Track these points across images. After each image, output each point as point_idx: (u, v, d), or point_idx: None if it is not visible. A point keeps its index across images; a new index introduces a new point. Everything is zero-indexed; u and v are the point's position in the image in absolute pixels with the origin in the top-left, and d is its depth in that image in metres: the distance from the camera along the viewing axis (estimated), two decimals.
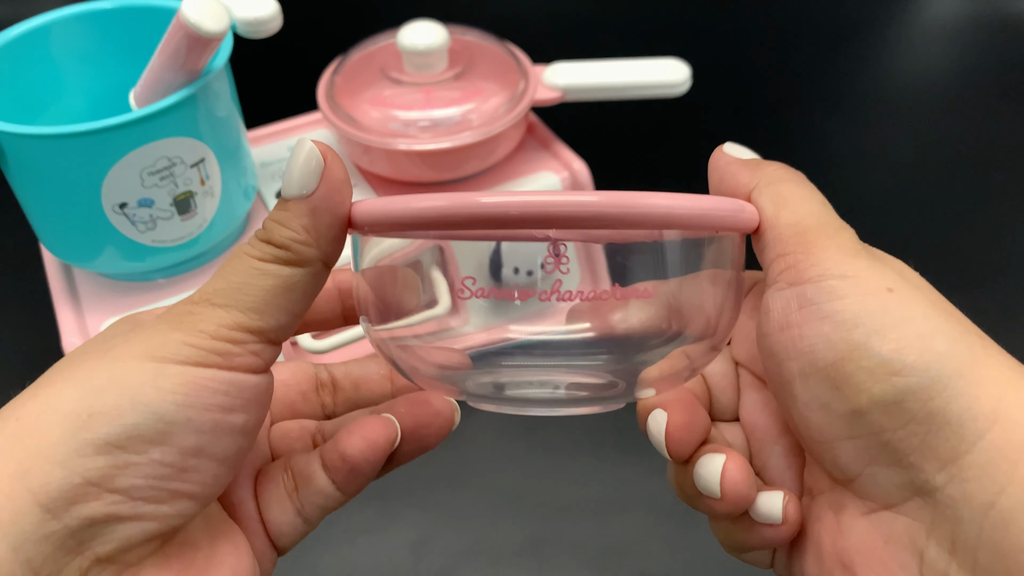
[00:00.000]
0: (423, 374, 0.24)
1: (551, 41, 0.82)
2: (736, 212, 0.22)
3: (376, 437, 0.24)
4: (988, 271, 0.60)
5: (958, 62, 0.83)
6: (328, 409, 0.28)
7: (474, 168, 0.51)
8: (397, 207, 0.20)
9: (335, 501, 0.24)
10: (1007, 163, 0.70)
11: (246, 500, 0.24)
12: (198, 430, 0.20)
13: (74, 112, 0.48)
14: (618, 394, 0.24)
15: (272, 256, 0.21)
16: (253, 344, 0.21)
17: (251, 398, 0.21)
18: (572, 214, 0.19)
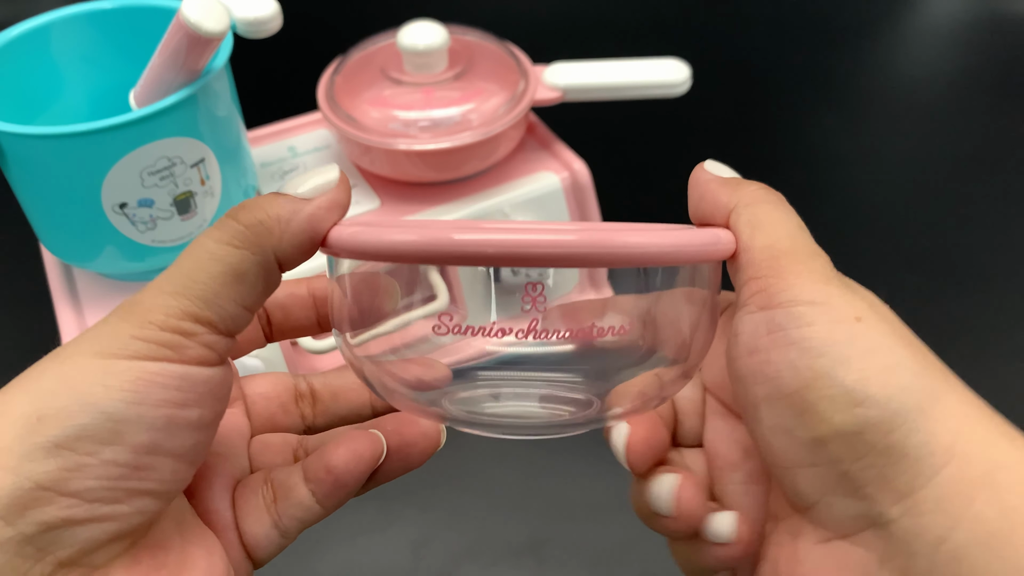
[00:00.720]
0: (398, 393, 0.24)
1: (551, 41, 0.82)
2: (711, 245, 0.22)
3: (363, 450, 0.24)
4: (988, 271, 0.60)
5: (958, 62, 0.83)
6: (308, 420, 0.28)
7: (474, 168, 0.51)
8: (370, 240, 0.20)
9: (314, 515, 0.24)
10: (1007, 163, 0.70)
11: (222, 510, 0.24)
12: (151, 427, 0.19)
13: (74, 112, 0.48)
14: (592, 416, 0.24)
15: (230, 236, 0.20)
16: (205, 335, 0.20)
17: (205, 392, 0.20)
18: (548, 254, 0.19)
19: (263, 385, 0.27)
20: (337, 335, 0.24)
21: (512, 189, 0.52)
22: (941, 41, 0.86)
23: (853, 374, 0.20)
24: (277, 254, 0.21)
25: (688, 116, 0.73)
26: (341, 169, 0.22)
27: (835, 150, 0.71)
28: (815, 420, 0.20)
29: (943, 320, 0.56)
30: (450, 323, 0.22)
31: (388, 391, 0.24)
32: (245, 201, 0.21)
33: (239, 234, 0.20)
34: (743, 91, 0.78)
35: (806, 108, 0.76)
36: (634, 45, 0.82)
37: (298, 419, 0.27)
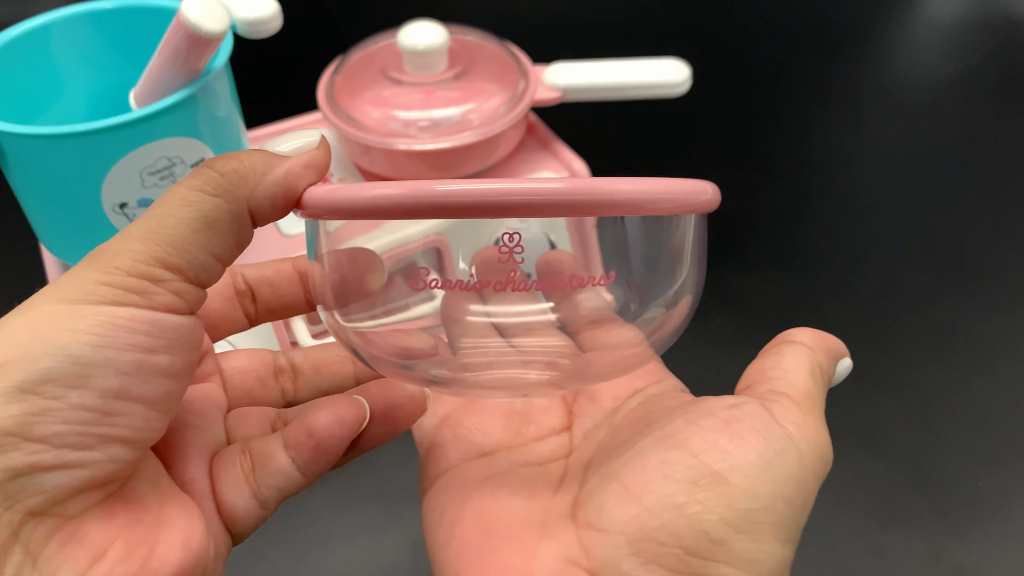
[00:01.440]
0: (384, 361, 0.24)
1: (551, 41, 0.82)
2: (698, 194, 0.22)
3: (345, 414, 0.23)
4: (988, 271, 0.60)
5: (958, 62, 0.83)
6: (289, 395, 0.27)
7: (474, 168, 0.51)
8: (347, 196, 0.20)
9: (294, 483, 0.23)
10: (1007, 163, 0.70)
11: (199, 479, 0.23)
12: (119, 371, 0.19)
13: (74, 112, 0.48)
14: (578, 372, 0.24)
15: (202, 183, 0.20)
16: (173, 282, 0.20)
17: (175, 339, 0.20)
18: (532, 202, 0.19)
19: (240, 360, 0.27)
20: (322, 310, 0.24)
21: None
22: (941, 41, 0.86)
23: None
24: (250, 204, 0.21)
25: (688, 116, 0.73)
26: (323, 135, 0.22)
27: (835, 150, 0.71)
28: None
29: (943, 320, 0.56)
30: (427, 278, 0.22)
31: (374, 359, 0.24)
32: (224, 154, 0.21)
33: (212, 180, 0.20)
34: (743, 91, 0.79)
35: (806, 108, 0.76)
36: (634, 45, 0.82)
37: (277, 393, 0.27)
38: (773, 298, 0.58)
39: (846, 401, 0.51)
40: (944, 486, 0.47)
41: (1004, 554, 0.43)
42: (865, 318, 0.56)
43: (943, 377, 0.52)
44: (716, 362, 0.54)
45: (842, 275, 0.60)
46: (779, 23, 0.88)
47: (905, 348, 0.54)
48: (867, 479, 0.47)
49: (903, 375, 0.53)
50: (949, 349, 0.54)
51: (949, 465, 0.48)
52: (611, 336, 0.24)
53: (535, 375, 0.24)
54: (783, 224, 0.64)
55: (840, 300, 0.58)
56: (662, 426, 0.23)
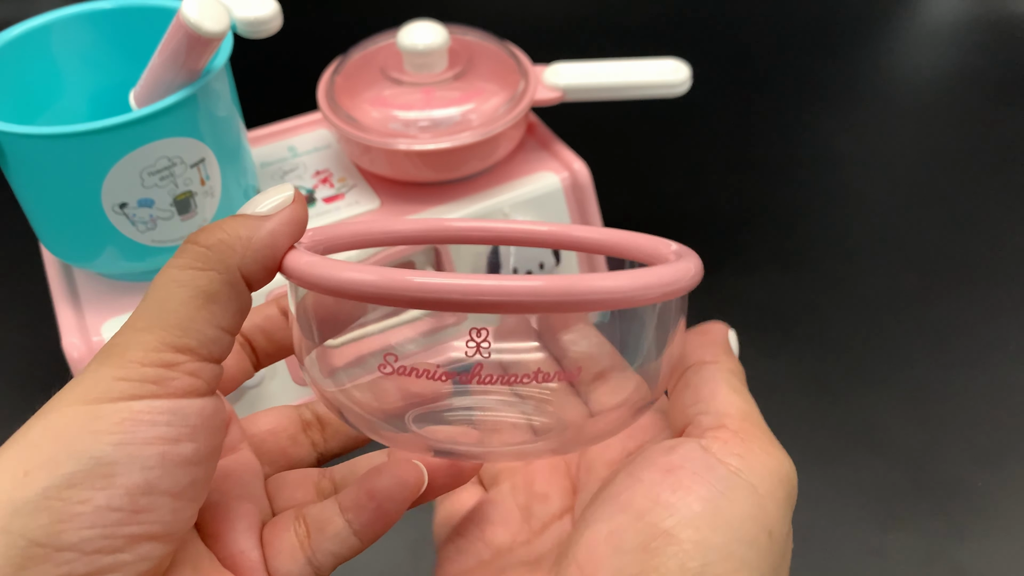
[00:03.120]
0: (373, 424, 0.23)
1: (551, 41, 0.82)
2: (674, 284, 0.21)
3: (406, 476, 0.23)
4: (988, 271, 0.60)
5: (958, 62, 0.83)
6: (320, 448, 0.27)
7: (474, 168, 0.51)
8: (323, 274, 0.20)
9: (351, 548, 0.24)
10: (1007, 163, 0.70)
11: (249, 550, 0.23)
12: (144, 466, 0.18)
13: (74, 112, 0.48)
14: (569, 441, 0.24)
15: (192, 259, 0.20)
16: (187, 364, 0.20)
17: (198, 424, 0.20)
18: (511, 301, 0.18)
19: (267, 422, 0.27)
20: (306, 368, 0.23)
21: (512, 189, 0.52)
22: (941, 41, 0.86)
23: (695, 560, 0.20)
24: (242, 271, 0.20)
25: (688, 116, 0.73)
26: (295, 187, 0.22)
27: (835, 150, 0.71)
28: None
29: (943, 320, 0.56)
30: (395, 364, 0.21)
31: (363, 423, 0.23)
32: (203, 226, 0.21)
33: (201, 255, 0.20)
34: (743, 91, 0.79)
35: (806, 108, 0.76)
36: (634, 45, 0.82)
37: (309, 448, 0.27)
38: (773, 298, 0.58)
39: (846, 401, 0.51)
40: (944, 486, 0.47)
41: (1004, 554, 0.43)
42: (865, 318, 0.56)
43: (943, 377, 0.52)
44: None
45: (842, 275, 0.60)
46: (779, 23, 0.88)
47: (905, 348, 0.54)
48: (867, 479, 0.47)
49: (903, 375, 0.53)
50: (949, 349, 0.54)
51: (949, 465, 0.48)
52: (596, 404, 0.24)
53: (519, 443, 0.24)
54: (783, 224, 0.64)
55: (840, 300, 0.58)
56: (609, 486, 0.22)
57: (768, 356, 0.54)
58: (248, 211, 0.21)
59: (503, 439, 0.24)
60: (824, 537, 0.44)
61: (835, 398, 0.52)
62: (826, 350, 0.54)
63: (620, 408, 0.23)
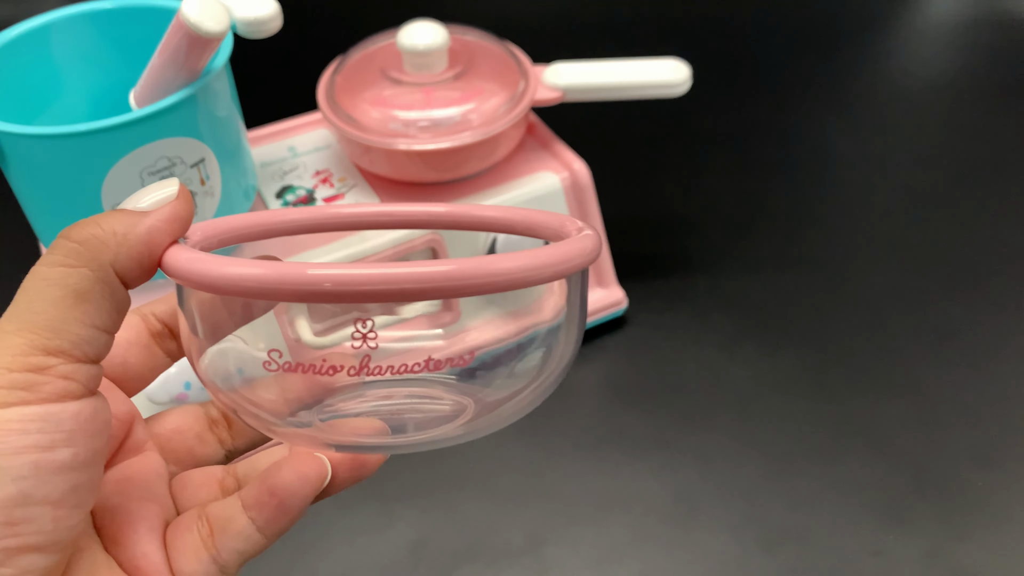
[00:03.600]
0: (268, 422, 0.23)
1: (551, 41, 0.82)
2: (569, 262, 0.20)
3: (308, 471, 0.23)
4: (988, 271, 0.60)
5: (958, 62, 0.83)
6: (227, 445, 0.27)
7: (474, 168, 0.51)
8: (206, 270, 0.19)
9: (255, 545, 0.23)
10: (1007, 163, 0.70)
11: (151, 553, 0.22)
12: (17, 477, 0.18)
13: (74, 112, 0.48)
14: (474, 423, 0.23)
15: (62, 256, 0.19)
16: (60, 366, 0.19)
17: (74, 429, 0.19)
18: (404, 289, 0.18)
19: (172, 421, 0.26)
20: (196, 370, 0.23)
21: (512, 189, 0.52)
22: (941, 41, 0.86)
23: None
24: (116, 269, 0.20)
25: (688, 116, 0.73)
26: (182, 183, 0.21)
27: (835, 150, 0.71)
28: None
29: (943, 320, 0.56)
30: (279, 360, 0.21)
31: (259, 422, 0.23)
32: (78, 222, 0.20)
33: (72, 251, 0.19)
34: (743, 91, 0.79)
35: (806, 108, 0.76)
36: (634, 45, 0.82)
37: (216, 446, 0.26)
38: (773, 298, 0.58)
39: (846, 401, 0.51)
40: (944, 486, 0.47)
41: (1004, 554, 0.43)
42: (865, 318, 0.56)
43: (943, 377, 0.52)
44: (716, 362, 0.54)
45: (842, 275, 0.60)
46: (779, 23, 0.88)
47: (905, 348, 0.54)
48: (867, 479, 0.47)
49: (903, 375, 0.53)
50: (949, 349, 0.54)
51: (949, 465, 0.48)
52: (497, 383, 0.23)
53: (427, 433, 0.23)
54: (783, 224, 0.64)
55: (840, 300, 0.58)
56: None
57: (768, 356, 0.54)
58: (128, 206, 0.20)
59: (413, 429, 0.23)
60: (824, 537, 0.44)
61: (835, 398, 0.52)
62: (826, 350, 0.54)
63: (521, 390, 0.23)
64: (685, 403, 0.51)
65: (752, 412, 0.51)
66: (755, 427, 0.50)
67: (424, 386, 0.24)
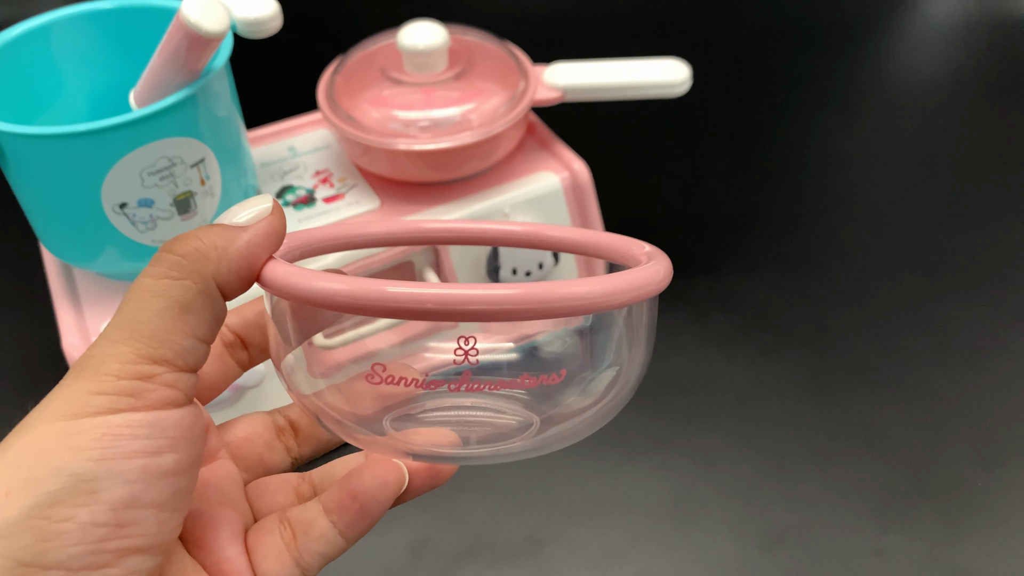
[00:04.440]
0: (350, 430, 0.24)
1: (551, 41, 0.82)
2: (644, 287, 0.21)
3: (387, 476, 0.24)
4: (988, 271, 0.60)
5: (958, 62, 0.83)
6: (293, 453, 0.27)
7: (474, 168, 0.51)
8: (299, 283, 0.20)
9: (336, 548, 0.24)
10: (1007, 163, 0.70)
11: (235, 557, 0.23)
12: (126, 480, 0.18)
13: (74, 112, 0.48)
14: (540, 439, 0.24)
15: (167, 268, 0.20)
16: (164, 375, 0.19)
17: (177, 436, 0.20)
18: (483, 310, 0.19)
19: (242, 429, 0.27)
20: (282, 373, 0.24)
21: (512, 189, 0.52)
22: (941, 41, 0.86)
23: None
24: (217, 281, 0.20)
25: (688, 116, 0.73)
26: (275, 198, 0.22)
27: (835, 150, 0.71)
28: None
29: (943, 320, 0.56)
30: (383, 373, 0.22)
31: (340, 428, 0.24)
32: (177, 235, 0.21)
33: (176, 264, 0.20)
34: (743, 91, 0.79)
35: (806, 108, 0.76)
36: (634, 45, 0.82)
37: (283, 453, 0.27)
38: (773, 298, 0.58)
39: (846, 401, 0.51)
40: (944, 486, 0.47)
41: (1004, 554, 0.44)
42: (865, 318, 0.56)
43: (943, 377, 0.52)
44: (717, 362, 0.54)
45: (842, 275, 0.60)
46: (779, 23, 0.88)
47: (905, 348, 0.54)
48: (867, 479, 0.47)
49: (903, 375, 0.53)
50: (949, 349, 0.54)
51: (949, 465, 0.48)
52: (568, 402, 0.24)
53: (493, 447, 0.24)
54: (783, 224, 0.64)
55: (840, 300, 0.58)
56: None
57: (768, 356, 0.54)
58: (224, 221, 0.21)
59: (481, 442, 0.24)
60: (824, 537, 0.44)
61: (835, 398, 0.52)
62: (826, 350, 0.54)
63: (594, 407, 0.24)
64: (685, 403, 0.51)
65: (752, 412, 0.51)
66: (755, 427, 0.50)
67: (493, 399, 0.25)
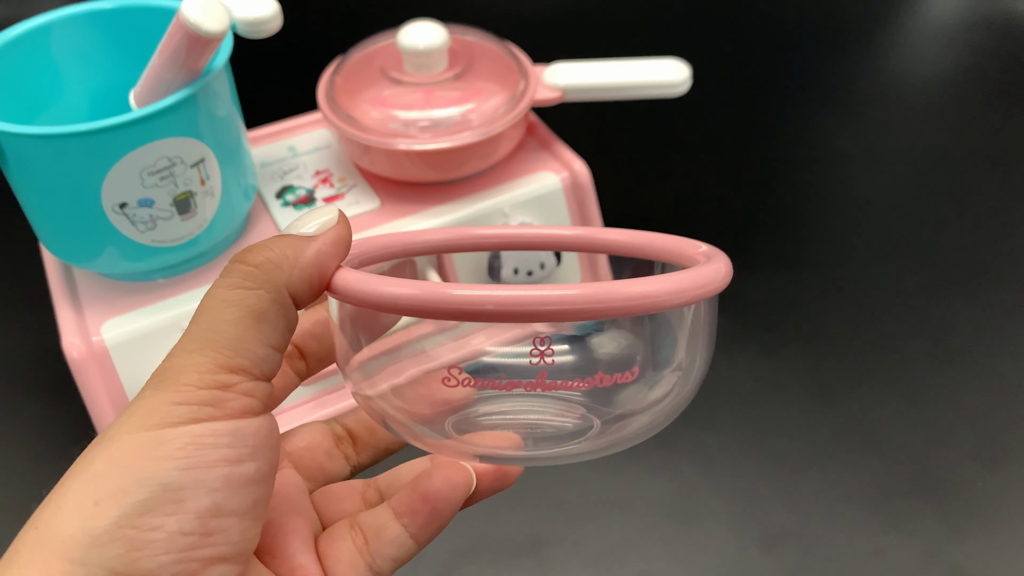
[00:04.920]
0: (413, 432, 0.24)
1: (551, 41, 0.82)
2: (707, 286, 0.22)
3: (456, 478, 0.24)
4: (989, 271, 0.60)
5: (958, 62, 0.83)
6: (352, 461, 0.28)
7: (474, 168, 0.51)
8: (368, 290, 0.20)
9: (408, 551, 0.24)
10: (1007, 163, 0.70)
11: (308, 564, 0.23)
12: (211, 489, 0.19)
13: (74, 112, 0.48)
14: (603, 441, 0.24)
15: (240, 279, 0.20)
16: (242, 384, 0.20)
17: (257, 444, 0.20)
18: (548, 310, 0.19)
19: (303, 439, 0.27)
20: (347, 376, 0.24)
21: (512, 189, 0.52)
22: (941, 41, 0.86)
23: None
24: (290, 290, 0.21)
25: (688, 116, 0.73)
26: (340, 210, 0.22)
27: (835, 150, 0.71)
28: None
29: (943, 320, 0.56)
30: (460, 376, 0.22)
31: (403, 429, 0.24)
32: (249, 245, 0.21)
33: (250, 275, 0.20)
34: (743, 91, 0.79)
35: (806, 108, 0.76)
36: (634, 45, 0.82)
37: (343, 461, 0.27)
38: (773, 298, 0.58)
39: (846, 401, 0.51)
40: (944, 486, 0.47)
41: (1004, 554, 0.44)
42: (865, 318, 0.56)
43: (943, 377, 0.52)
44: (717, 362, 0.54)
45: (842, 275, 0.60)
46: (779, 23, 0.88)
47: (905, 348, 0.54)
48: (867, 479, 0.47)
49: (903, 375, 0.53)
50: (949, 349, 0.54)
51: (949, 465, 0.48)
52: (633, 401, 0.24)
53: (556, 448, 0.24)
54: (783, 224, 0.64)
55: (840, 300, 0.58)
56: None
57: (768, 356, 0.54)
58: (293, 231, 0.22)
59: (544, 443, 0.24)
60: (824, 537, 0.44)
61: (835, 398, 0.52)
62: (826, 350, 0.54)
63: (656, 408, 0.24)
64: None
65: (752, 412, 0.51)
66: (755, 427, 0.50)
67: (550, 400, 0.25)
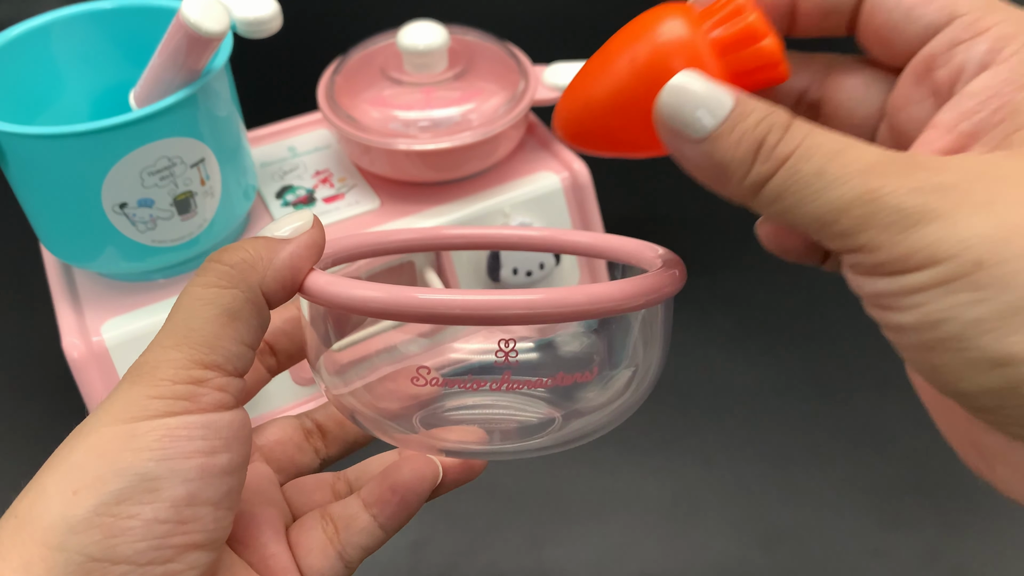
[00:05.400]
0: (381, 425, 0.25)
1: (551, 41, 0.82)
2: (657, 291, 0.23)
3: (423, 469, 0.25)
4: None
5: None
6: (322, 454, 0.28)
7: (474, 168, 0.51)
8: (339, 292, 0.21)
9: (376, 539, 0.25)
10: None
11: (279, 553, 0.24)
12: (186, 479, 0.20)
13: (74, 112, 0.48)
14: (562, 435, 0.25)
15: (216, 278, 0.21)
16: (216, 379, 0.21)
17: (230, 436, 0.21)
18: (512, 314, 0.20)
19: (274, 433, 0.28)
20: (316, 373, 0.25)
21: (512, 189, 0.52)
22: None
23: None
24: (263, 290, 0.22)
25: None
26: (315, 215, 0.23)
27: None
28: None
29: None
30: (428, 376, 0.23)
31: (372, 423, 0.25)
32: (224, 246, 0.22)
33: (225, 274, 0.21)
34: None
35: None
36: None
37: (313, 455, 0.28)
38: (773, 298, 0.58)
39: (846, 401, 0.51)
40: (944, 486, 0.47)
41: (1004, 554, 0.44)
42: (865, 318, 0.56)
43: None
44: (717, 362, 0.54)
45: (842, 275, 0.60)
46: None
47: None
48: (867, 479, 0.47)
49: (903, 375, 0.52)
50: None
51: (949, 465, 0.48)
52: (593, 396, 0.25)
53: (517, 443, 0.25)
54: None
55: (840, 300, 0.58)
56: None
57: (768, 356, 0.54)
58: (267, 234, 0.22)
59: (507, 438, 0.25)
60: (824, 537, 0.44)
61: (835, 398, 0.52)
62: (826, 350, 0.54)
63: (613, 405, 0.25)
64: (685, 403, 0.51)
65: (752, 412, 0.51)
66: (755, 427, 0.50)
67: (514, 397, 0.26)
